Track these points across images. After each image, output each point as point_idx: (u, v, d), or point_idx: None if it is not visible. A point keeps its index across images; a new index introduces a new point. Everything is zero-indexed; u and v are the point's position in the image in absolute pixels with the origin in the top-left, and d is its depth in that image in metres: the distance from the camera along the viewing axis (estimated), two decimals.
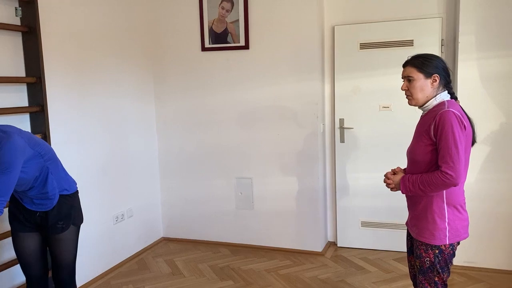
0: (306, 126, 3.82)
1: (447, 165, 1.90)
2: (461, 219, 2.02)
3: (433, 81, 2.01)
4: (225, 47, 3.93)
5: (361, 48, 3.75)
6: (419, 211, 2.06)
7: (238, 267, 3.66)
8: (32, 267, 2.36)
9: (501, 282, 3.23)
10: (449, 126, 1.90)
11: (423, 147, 2.00)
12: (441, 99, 2.02)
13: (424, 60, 2.02)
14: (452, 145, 1.89)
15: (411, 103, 2.08)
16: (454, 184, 1.91)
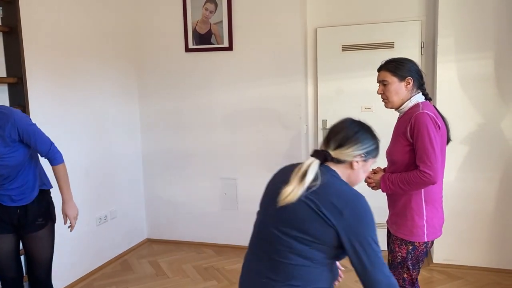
0: (289, 127, 3.85)
1: (425, 165, 1.96)
2: (438, 217, 2.08)
3: (406, 83, 2.08)
4: (209, 48, 3.94)
5: (343, 50, 3.80)
6: (398, 209, 2.11)
7: (222, 267, 3.67)
8: (9, 269, 2.32)
9: (479, 279, 3.31)
10: (424, 128, 1.96)
11: (400, 148, 2.06)
12: (416, 100, 2.08)
13: (398, 64, 2.09)
14: (428, 145, 1.95)
15: (388, 106, 2.15)
16: (432, 183, 1.97)
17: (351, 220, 1.33)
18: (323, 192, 1.35)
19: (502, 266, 3.43)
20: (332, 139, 1.47)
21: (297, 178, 1.37)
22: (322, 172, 1.40)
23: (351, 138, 1.45)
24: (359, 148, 1.46)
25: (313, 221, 1.33)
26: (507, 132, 3.34)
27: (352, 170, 1.47)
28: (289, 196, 1.34)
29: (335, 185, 1.38)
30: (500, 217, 3.41)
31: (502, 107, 3.33)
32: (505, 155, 3.36)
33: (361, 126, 1.51)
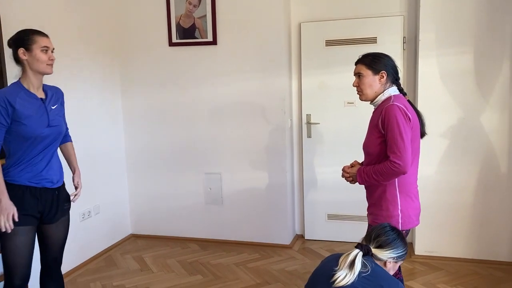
0: (274, 121, 3.87)
1: (395, 155, 2.03)
2: (413, 207, 2.15)
3: (380, 77, 2.15)
4: (193, 42, 3.93)
5: (327, 45, 3.83)
6: (374, 199, 2.18)
7: (207, 262, 3.69)
8: (28, 265, 2.23)
9: (459, 270, 3.39)
10: (393, 119, 2.03)
11: (374, 140, 2.13)
12: (389, 94, 2.15)
13: (373, 58, 2.16)
14: (397, 136, 2.02)
15: (362, 98, 2.23)
16: (402, 172, 2.04)
17: None
18: (374, 278, 1.66)
19: (481, 257, 3.51)
20: (374, 239, 1.80)
21: (346, 266, 1.67)
22: (367, 261, 1.71)
23: (390, 244, 1.79)
24: (394, 252, 1.79)
25: None
26: (486, 126, 3.41)
27: (385, 266, 1.79)
28: (344, 281, 1.63)
29: (382, 273, 1.73)
30: (479, 209, 3.48)
31: (482, 101, 3.40)
32: (484, 149, 3.43)
33: (398, 234, 1.84)
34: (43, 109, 2.20)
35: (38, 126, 2.15)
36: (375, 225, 1.88)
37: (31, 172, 2.18)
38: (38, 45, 2.13)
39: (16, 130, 2.10)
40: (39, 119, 2.16)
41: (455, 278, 3.26)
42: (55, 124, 2.25)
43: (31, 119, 2.12)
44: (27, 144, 2.15)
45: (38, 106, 2.18)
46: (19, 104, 2.10)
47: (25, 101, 2.12)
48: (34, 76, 2.17)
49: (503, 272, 3.33)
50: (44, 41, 2.16)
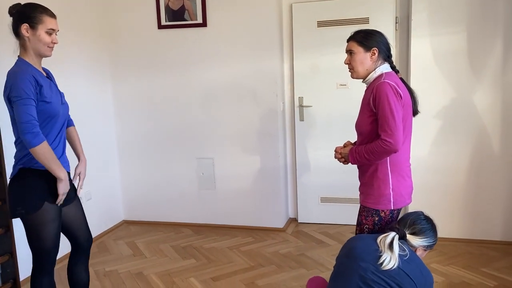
0: (266, 105, 3.83)
1: (386, 133, 2.00)
2: (405, 185, 2.13)
3: (372, 54, 2.11)
4: (182, 24, 3.86)
5: (318, 26, 3.78)
6: (366, 178, 2.16)
7: (201, 246, 3.67)
8: (57, 250, 2.20)
9: (452, 250, 3.40)
10: (384, 96, 2.00)
11: (366, 119, 2.11)
12: (380, 71, 2.11)
13: (365, 35, 2.12)
14: (388, 113, 1.99)
15: (353, 76, 2.19)
16: (394, 151, 2.01)
17: (426, 287, 1.82)
18: (413, 263, 1.81)
19: (474, 236, 3.53)
20: (410, 225, 1.93)
21: (386, 247, 1.80)
22: (403, 244, 1.85)
23: (424, 232, 1.93)
24: (426, 241, 1.94)
25: (407, 284, 1.76)
26: (478, 106, 3.40)
27: (419, 253, 1.94)
28: (390, 264, 1.76)
29: (418, 259, 1.86)
30: (472, 189, 3.49)
31: (474, 81, 3.38)
32: (476, 129, 3.42)
33: (432, 224, 2.00)
34: (54, 87, 2.15)
35: (56, 103, 2.09)
36: (409, 212, 2.00)
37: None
38: (45, 26, 2.03)
39: (41, 109, 2.01)
40: (55, 97, 2.10)
41: (448, 258, 3.27)
42: (64, 101, 2.21)
43: (51, 96, 2.06)
44: (49, 125, 2.08)
45: (49, 83, 2.12)
46: (41, 81, 2.02)
47: (41, 81, 2.04)
48: (35, 55, 2.08)
49: (496, 251, 3.35)
50: (51, 23, 2.05)
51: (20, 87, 1.95)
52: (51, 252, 2.16)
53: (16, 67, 2.04)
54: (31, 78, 1.97)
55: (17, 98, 1.95)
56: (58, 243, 2.19)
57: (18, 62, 2.07)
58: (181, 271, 3.22)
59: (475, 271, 3.04)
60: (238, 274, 3.14)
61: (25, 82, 1.95)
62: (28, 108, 1.94)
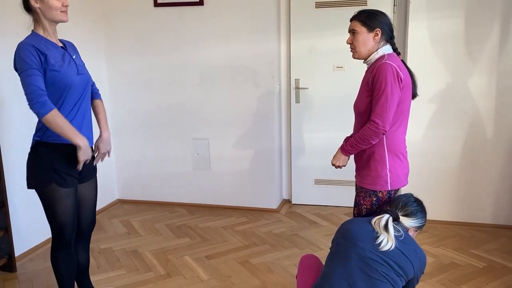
0: (262, 86, 3.82)
1: (375, 114, 2.03)
2: (402, 167, 2.15)
3: (375, 35, 2.10)
4: (179, 2, 3.81)
5: (316, 7, 3.75)
6: (363, 161, 2.18)
7: (195, 225, 3.70)
8: (75, 222, 2.21)
9: (442, 232, 3.46)
10: (383, 77, 2.00)
11: (364, 99, 2.12)
12: (382, 52, 2.11)
13: (369, 15, 2.11)
14: (382, 95, 2.01)
15: (354, 56, 2.18)
16: (382, 132, 2.04)
17: (421, 265, 1.89)
18: (408, 242, 1.86)
19: (464, 219, 3.59)
20: (402, 207, 1.98)
21: (381, 228, 1.85)
22: (397, 226, 1.90)
23: (416, 214, 1.99)
24: (418, 222, 1.99)
25: (405, 263, 1.82)
26: (474, 90, 3.42)
27: (413, 232, 2.01)
28: (388, 245, 1.80)
29: (412, 239, 1.92)
30: (464, 173, 3.53)
31: (470, 66, 3.39)
32: (471, 113, 3.45)
33: (422, 206, 2.05)
34: (68, 57, 2.11)
35: (69, 73, 2.05)
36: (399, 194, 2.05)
37: None
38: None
39: (50, 78, 1.98)
40: (68, 66, 2.06)
41: (438, 239, 3.33)
42: (83, 72, 2.16)
43: (62, 66, 2.02)
44: (62, 96, 2.05)
45: (63, 54, 2.09)
46: (47, 50, 1.99)
47: (49, 49, 2.01)
48: (49, 25, 2.05)
49: (486, 233, 3.41)
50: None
51: (21, 57, 1.94)
52: (66, 227, 2.16)
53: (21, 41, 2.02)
54: (30, 48, 1.95)
55: (20, 71, 1.94)
56: (74, 218, 2.19)
57: (28, 36, 2.05)
58: (175, 249, 3.26)
59: (465, 253, 3.10)
60: (232, 252, 3.18)
61: (25, 52, 1.94)
62: (32, 79, 1.92)
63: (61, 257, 2.21)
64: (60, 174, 2.08)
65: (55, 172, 2.07)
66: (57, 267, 2.23)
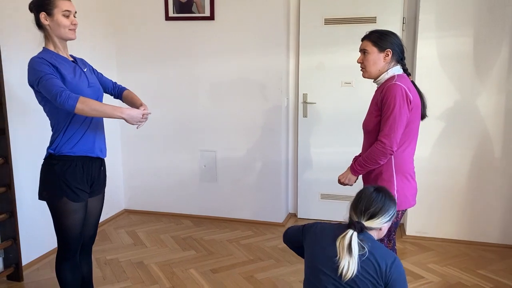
0: (270, 100, 3.85)
1: (383, 133, 2.05)
2: (409, 187, 2.16)
3: (385, 55, 2.12)
4: (190, 17, 3.87)
5: (325, 23, 3.78)
6: (371, 181, 2.19)
7: (201, 238, 3.71)
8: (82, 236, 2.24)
9: (449, 251, 3.44)
10: (392, 98, 2.02)
11: (372, 118, 2.14)
12: (393, 73, 2.13)
13: (380, 35, 2.14)
14: (391, 115, 2.03)
15: (364, 76, 2.21)
16: (389, 153, 2.05)
17: (395, 275, 1.66)
18: (372, 256, 1.65)
19: (471, 238, 3.56)
20: (365, 211, 1.72)
21: (345, 252, 1.65)
22: (362, 241, 1.67)
23: (381, 210, 1.72)
24: (387, 216, 1.73)
25: (370, 285, 1.65)
26: (482, 109, 3.41)
27: (380, 231, 1.76)
28: (349, 272, 1.63)
29: (378, 249, 1.69)
30: (471, 192, 3.52)
31: (479, 85, 3.40)
32: (479, 132, 3.44)
33: (385, 196, 1.75)
34: (79, 70, 2.16)
35: (81, 85, 2.10)
36: (359, 192, 1.80)
37: (83, 141, 2.13)
38: (60, 9, 2.05)
39: None
40: (79, 79, 2.11)
41: (445, 258, 3.31)
42: (93, 84, 2.21)
43: (73, 78, 2.08)
44: None
45: (74, 67, 2.14)
46: (58, 64, 2.05)
47: (60, 63, 2.07)
48: (59, 41, 2.11)
49: (493, 253, 3.39)
50: (65, 4, 2.07)
51: (34, 68, 2.00)
52: (73, 239, 2.19)
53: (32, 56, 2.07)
54: (42, 60, 2.01)
55: (37, 80, 1.98)
56: (81, 231, 2.21)
57: (39, 52, 2.11)
58: (181, 262, 3.26)
59: (472, 273, 3.08)
60: (237, 267, 3.18)
61: (37, 63, 2.00)
62: (51, 81, 1.96)
63: (66, 268, 2.23)
64: (72, 189, 2.11)
65: (67, 186, 2.10)
66: (63, 278, 2.24)
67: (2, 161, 2.78)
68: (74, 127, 2.11)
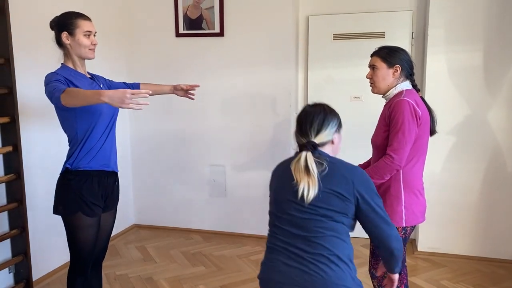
0: (279, 114, 3.86)
1: (391, 148, 2.04)
2: (418, 203, 2.13)
3: (394, 71, 2.14)
4: (200, 33, 3.91)
5: (334, 38, 3.80)
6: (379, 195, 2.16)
7: (210, 253, 3.69)
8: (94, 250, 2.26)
9: (461, 267, 3.38)
10: (400, 113, 2.03)
11: (381, 133, 2.14)
12: (401, 88, 2.13)
13: (389, 51, 2.15)
14: (399, 130, 2.02)
15: (374, 91, 2.22)
16: (396, 167, 2.03)
17: (362, 185, 1.60)
18: (333, 173, 1.59)
19: (484, 254, 3.51)
20: (309, 129, 1.67)
21: (302, 173, 1.59)
22: (319, 158, 1.62)
23: (325, 121, 1.68)
24: (333, 126, 1.70)
25: (336, 201, 1.58)
26: (493, 123, 3.39)
27: (333, 145, 1.72)
28: (310, 192, 1.56)
29: (337, 163, 1.64)
30: (483, 207, 3.47)
31: (489, 99, 3.38)
32: (490, 147, 3.41)
33: (322, 108, 1.73)
34: (96, 85, 2.21)
35: None
36: (299, 115, 1.75)
37: (100, 155, 2.16)
38: (81, 30, 2.11)
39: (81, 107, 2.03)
40: None
41: (458, 275, 3.26)
42: None
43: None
44: (93, 122, 2.12)
45: (91, 83, 2.19)
46: (75, 79, 2.10)
47: (77, 79, 2.12)
48: (78, 59, 2.16)
49: (506, 270, 3.33)
50: (87, 25, 2.13)
51: (48, 77, 2.05)
52: (86, 253, 2.20)
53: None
54: (56, 74, 2.06)
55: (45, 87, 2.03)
56: (94, 246, 2.23)
57: (57, 68, 2.16)
58: (190, 278, 3.25)
59: None
60: (247, 283, 3.15)
61: (52, 75, 2.06)
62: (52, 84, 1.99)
63: (78, 283, 2.24)
64: (88, 204, 2.13)
65: (83, 201, 2.12)
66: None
67: (15, 177, 2.81)
68: (92, 141, 2.14)
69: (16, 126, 2.80)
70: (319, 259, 1.55)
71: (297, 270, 1.57)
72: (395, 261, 1.69)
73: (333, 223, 1.57)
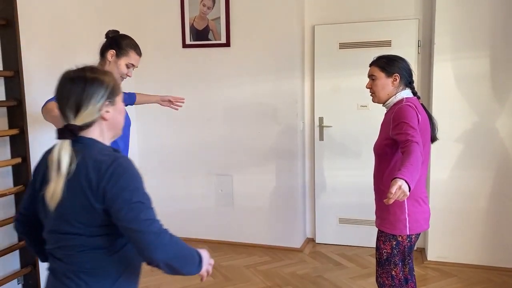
0: (286, 124, 3.86)
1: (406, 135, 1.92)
2: (421, 211, 2.13)
3: (393, 80, 2.14)
4: (206, 44, 3.94)
5: (340, 47, 3.81)
6: (382, 203, 2.14)
7: (218, 264, 3.68)
8: None
9: (472, 276, 3.34)
10: (403, 114, 2.01)
11: (382, 141, 2.14)
12: (401, 96, 2.14)
13: (387, 61, 2.16)
14: (406, 123, 1.96)
15: (374, 100, 2.23)
16: (416, 141, 1.90)
17: (114, 188, 1.27)
18: (79, 173, 1.24)
19: (495, 264, 3.46)
20: (65, 108, 1.29)
21: (54, 172, 1.24)
22: (77, 150, 1.27)
23: (84, 95, 1.28)
24: (99, 98, 1.29)
25: (82, 209, 1.25)
26: (501, 130, 3.37)
27: (106, 121, 1.33)
28: (54, 196, 1.24)
29: (92, 159, 1.26)
30: (493, 215, 3.44)
31: (497, 106, 3.36)
32: (499, 154, 3.38)
33: (84, 73, 1.32)
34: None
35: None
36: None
37: None
38: (128, 60, 2.21)
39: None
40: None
41: (468, 284, 3.22)
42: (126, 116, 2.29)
43: None
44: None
45: None
46: None
47: None
48: None
49: None
50: (135, 59, 2.24)
51: None
52: None
53: None
54: None
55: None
56: None
57: None
58: None
59: None
60: None
61: None
62: None
63: None
64: None
65: None
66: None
67: (24, 188, 2.82)
68: None
69: (25, 138, 2.82)
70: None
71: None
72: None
73: (85, 238, 1.30)
